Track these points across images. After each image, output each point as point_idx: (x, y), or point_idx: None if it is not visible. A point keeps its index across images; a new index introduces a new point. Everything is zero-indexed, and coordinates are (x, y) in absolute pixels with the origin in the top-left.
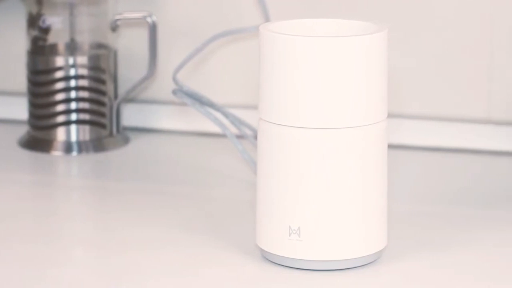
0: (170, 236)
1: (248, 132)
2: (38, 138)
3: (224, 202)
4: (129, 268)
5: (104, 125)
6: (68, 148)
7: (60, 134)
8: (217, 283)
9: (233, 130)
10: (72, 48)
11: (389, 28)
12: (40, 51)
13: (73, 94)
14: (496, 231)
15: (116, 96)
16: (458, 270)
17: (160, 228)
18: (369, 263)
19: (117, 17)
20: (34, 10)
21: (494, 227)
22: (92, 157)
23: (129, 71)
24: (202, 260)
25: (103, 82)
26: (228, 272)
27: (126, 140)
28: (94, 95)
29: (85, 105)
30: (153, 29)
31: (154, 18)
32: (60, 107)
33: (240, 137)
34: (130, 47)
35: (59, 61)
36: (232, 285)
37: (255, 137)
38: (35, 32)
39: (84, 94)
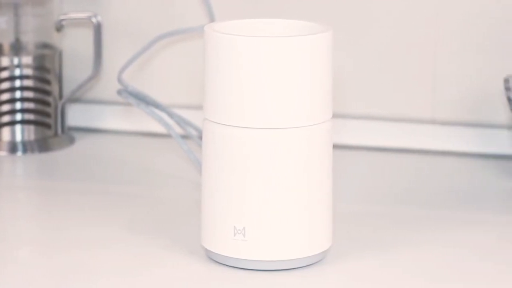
0: (115, 236)
1: (193, 132)
2: None
3: (169, 202)
4: (74, 267)
5: (49, 125)
6: (13, 148)
7: (5, 134)
8: (161, 282)
9: (178, 130)
10: (17, 48)
11: (334, 29)
12: None
13: (18, 94)
14: (441, 231)
15: (61, 96)
16: (404, 270)
17: (105, 228)
18: (314, 263)
19: (62, 17)
20: None
21: (440, 226)
22: (37, 157)
23: (74, 71)
24: (147, 260)
25: (48, 82)
26: (173, 272)
27: (71, 140)
28: (39, 95)
29: (30, 105)
30: (98, 29)
31: (99, 18)
32: (5, 107)
33: (185, 137)
34: (75, 47)
35: (4, 61)
36: (177, 285)
37: (200, 137)
38: None
39: (29, 94)
